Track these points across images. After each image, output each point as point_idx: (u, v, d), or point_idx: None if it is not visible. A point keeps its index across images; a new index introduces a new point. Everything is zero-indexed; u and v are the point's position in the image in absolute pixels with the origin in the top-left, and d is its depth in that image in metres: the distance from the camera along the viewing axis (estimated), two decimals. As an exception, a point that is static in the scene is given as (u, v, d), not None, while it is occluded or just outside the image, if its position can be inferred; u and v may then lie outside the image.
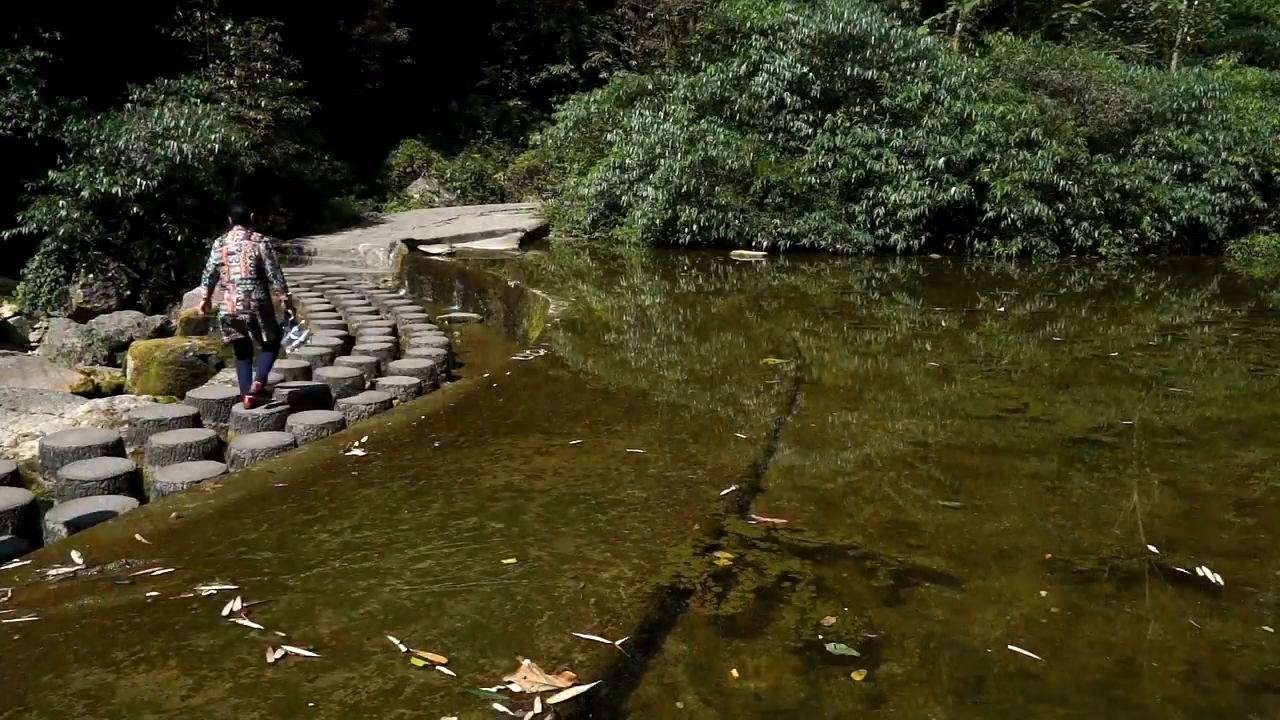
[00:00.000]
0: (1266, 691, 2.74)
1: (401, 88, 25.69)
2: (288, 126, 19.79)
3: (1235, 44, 24.58)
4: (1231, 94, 19.09)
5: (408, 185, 25.31)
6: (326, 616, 2.96)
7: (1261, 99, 19.76)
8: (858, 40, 17.04)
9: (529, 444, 4.96)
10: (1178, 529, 4.07)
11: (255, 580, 3.23)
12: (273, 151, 18.53)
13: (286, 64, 19.58)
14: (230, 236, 6.95)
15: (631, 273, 14.21)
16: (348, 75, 24.28)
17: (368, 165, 24.73)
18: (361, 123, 24.81)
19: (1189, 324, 10.53)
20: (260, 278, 6.96)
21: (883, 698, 2.66)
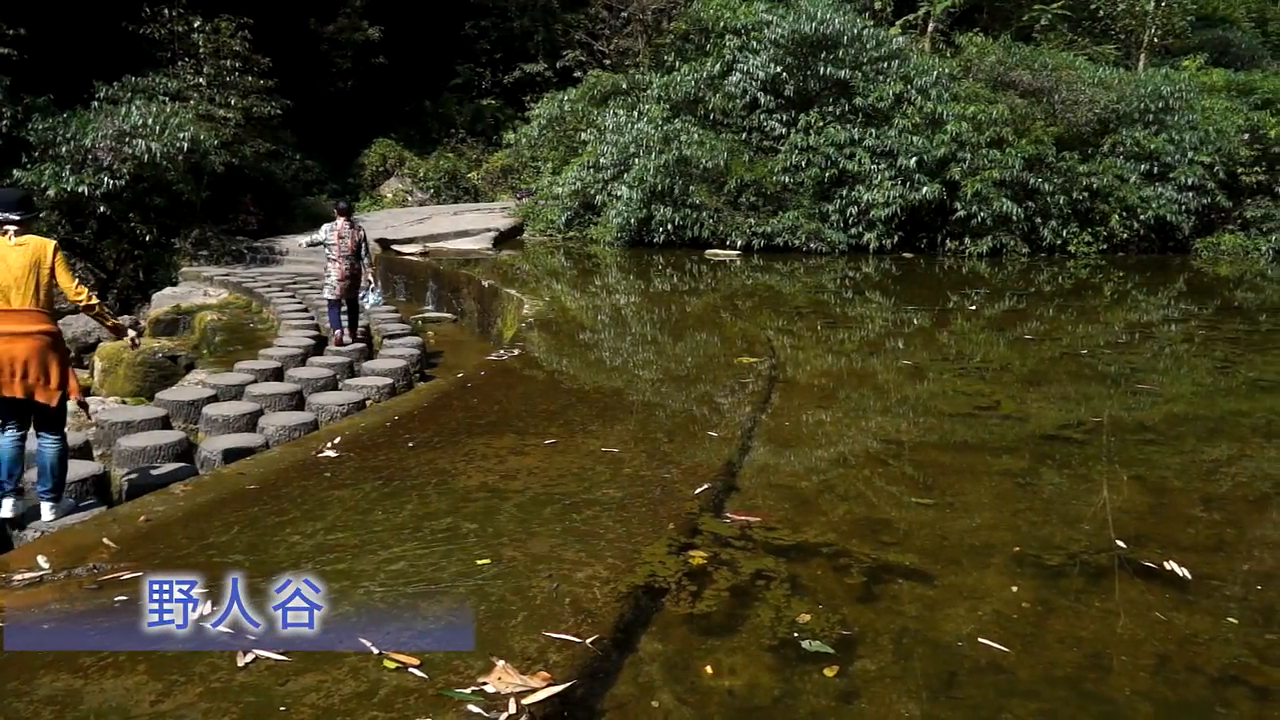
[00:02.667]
0: (1233, 684, 2.78)
1: (374, 86, 25.53)
2: (258, 125, 19.62)
3: (1202, 45, 24.99)
4: (1198, 94, 19.39)
5: (380, 184, 25.16)
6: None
7: (1227, 99, 20.08)
8: (830, 40, 17.14)
9: (503, 444, 4.94)
10: (1146, 524, 4.12)
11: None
12: (243, 150, 18.36)
13: (257, 62, 19.41)
14: (341, 223, 9.54)
15: (606, 272, 14.21)
16: (319, 74, 24.10)
17: (340, 164, 24.56)
18: (333, 121, 24.63)
19: (1157, 322, 10.67)
20: (358, 255, 9.60)
21: (856, 694, 2.67)
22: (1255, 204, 19.18)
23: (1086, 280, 14.50)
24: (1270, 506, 4.44)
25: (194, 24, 18.80)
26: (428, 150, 26.45)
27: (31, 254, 4.78)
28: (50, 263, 4.83)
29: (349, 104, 25.10)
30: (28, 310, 4.76)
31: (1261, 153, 18.84)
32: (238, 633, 2.82)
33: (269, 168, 19.97)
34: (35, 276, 4.78)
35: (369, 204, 23.71)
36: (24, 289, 4.74)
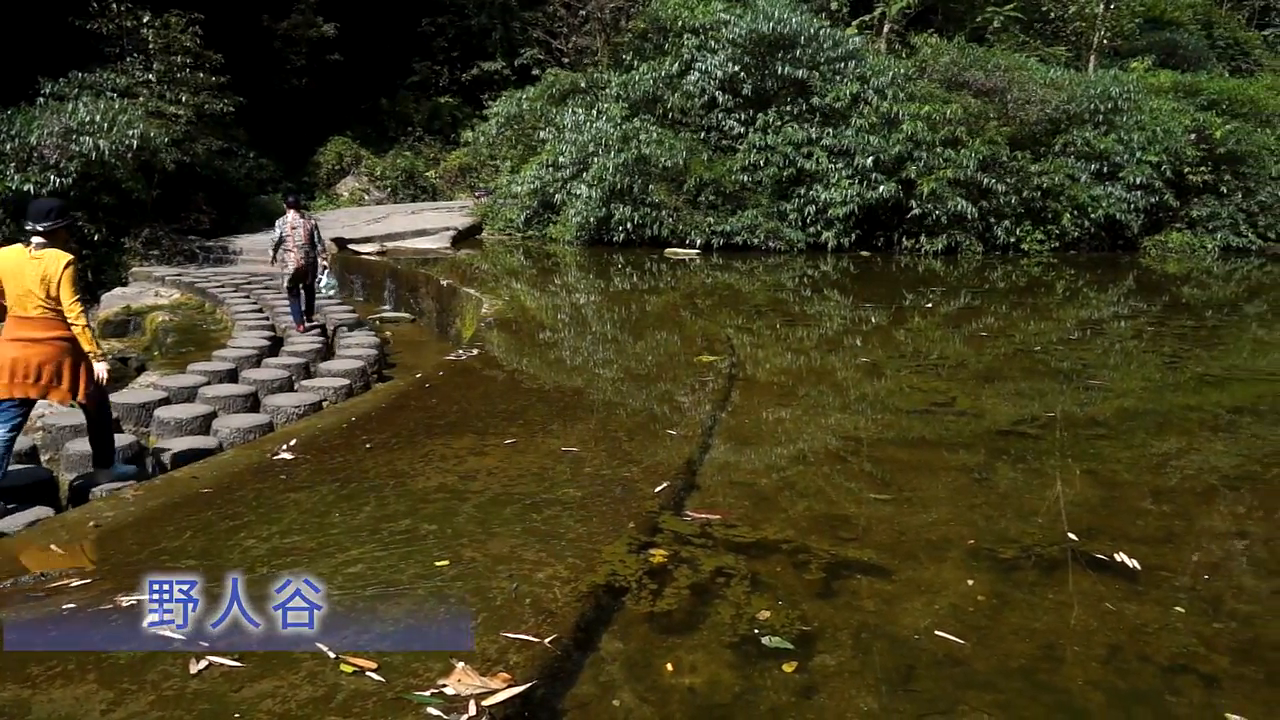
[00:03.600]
0: (1182, 673, 2.85)
1: (329, 84, 25.21)
2: (210, 122, 19.29)
3: (1149, 47, 25.52)
4: (1145, 95, 19.79)
5: (337, 183, 24.86)
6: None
7: (1174, 100, 20.52)
8: (788, 40, 17.24)
9: (463, 444, 4.91)
10: (1097, 517, 4.20)
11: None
12: (195, 148, 18.04)
13: (208, 58, 19.07)
14: (292, 215, 9.97)
15: (566, 271, 14.17)
16: (273, 71, 23.74)
17: (295, 163, 24.22)
18: (288, 119, 24.28)
19: (1107, 318, 10.88)
20: (312, 244, 10.01)
21: (816, 689, 2.69)
22: (1201, 203, 19.62)
23: (1039, 278, 14.75)
24: (1217, 498, 4.55)
25: (143, 19, 18.41)
26: (385, 149, 26.18)
27: (43, 268, 5.03)
28: (58, 278, 5.03)
29: (304, 101, 24.76)
30: (40, 319, 5.05)
31: (1207, 153, 19.28)
32: (190, 639, 2.77)
33: (222, 166, 19.64)
34: (45, 289, 5.03)
35: (325, 203, 23.42)
36: (37, 299, 5.02)
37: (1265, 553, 3.86)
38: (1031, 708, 2.63)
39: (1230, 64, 29.79)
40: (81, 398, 5.28)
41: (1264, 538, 4.04)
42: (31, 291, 5.01)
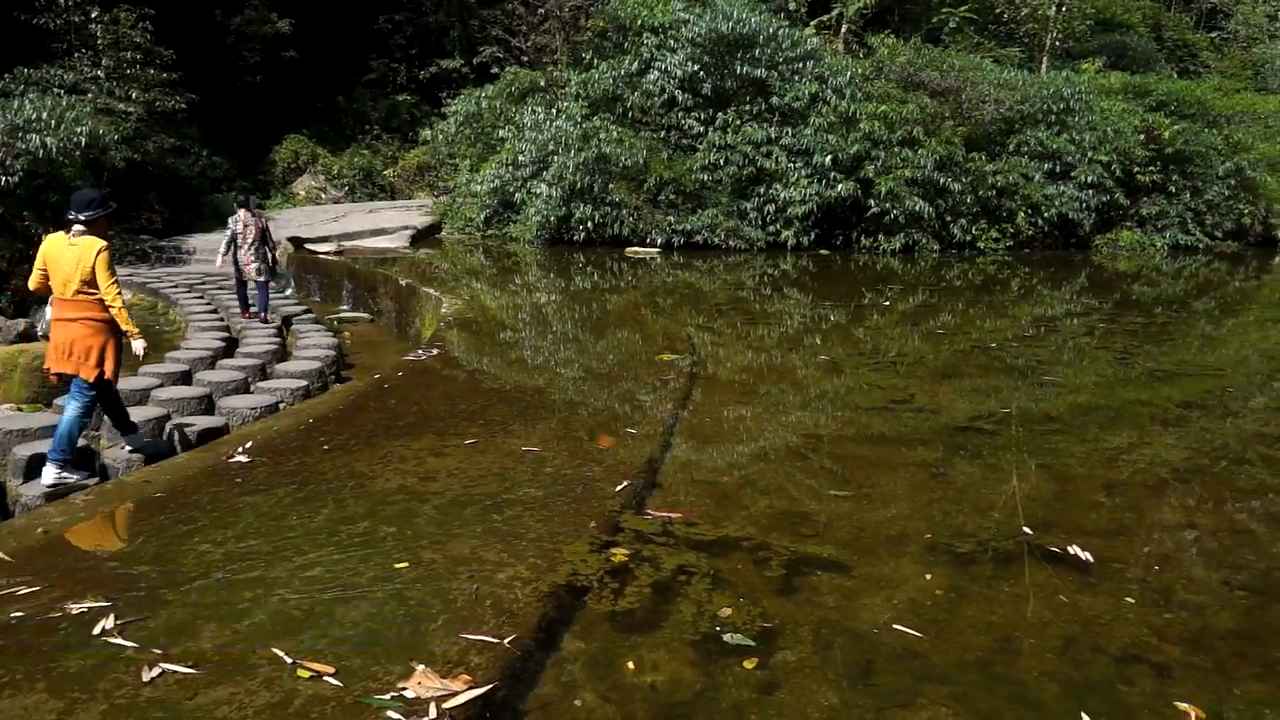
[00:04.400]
0: (1134, 662, 2.90)
1: (284, 81, 24.86)
2: (161, 120, 18.94)
3: (1100, 49, 25.99)
4: (1096, 96, 20.15)
5: (293, 182, 24.52)
6: (209, 630, 2.84)
7: (1124, 101, 20.91)
8: (747, 39, 17.32)
9: (422, 445, 4.87)
10: (1052, 510, 4.27)
11: (131, 596, 3.08)
12: (146, 146, 17.70)
13: (159, 54, 18.72)
14: (243, 214, 10.49)
15: (526, 270, 14.11)
16: (226, 67, 23.36)
17: (250, 161, 23.85)
18: (242, 117, 23.91)
19: (1060, 316, 11.06)
20: (264, 240, 10.47)
21: (777, 685, 2.71)
22: (1151, 202, 20.03)
23: (994, 276, 14.96)
24: (1167, 491, 4.64)
25: (91, 14, 18.03)
26: (342, 147, 25.88)
27: (79, 253, 5.39)
28: (92, 263, 5.39)
29: (258, 99, 24.39)
30: (75, 300, 5.43)
31: (1156, 153, 19.68)
32: (143, 645, 2.72)
33: (174, 164, 19.29)
34: (80, 273, 5.39)
35: (281, 201, 23.09)
36: (74, 281, 5.39)
37: (1214, 544, 3.95)
38: (988, 699, 2.67)
39: (1179, 66, 30.46)
40: (109, 375, 5.60)
41: (1212, 529, 4.13)
42: (71, 276, 5.38)
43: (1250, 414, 6.38)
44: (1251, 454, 5.36)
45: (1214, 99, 22.30)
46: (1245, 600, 3.37)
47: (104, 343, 5.52)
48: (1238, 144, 21.10)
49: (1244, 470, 5.06)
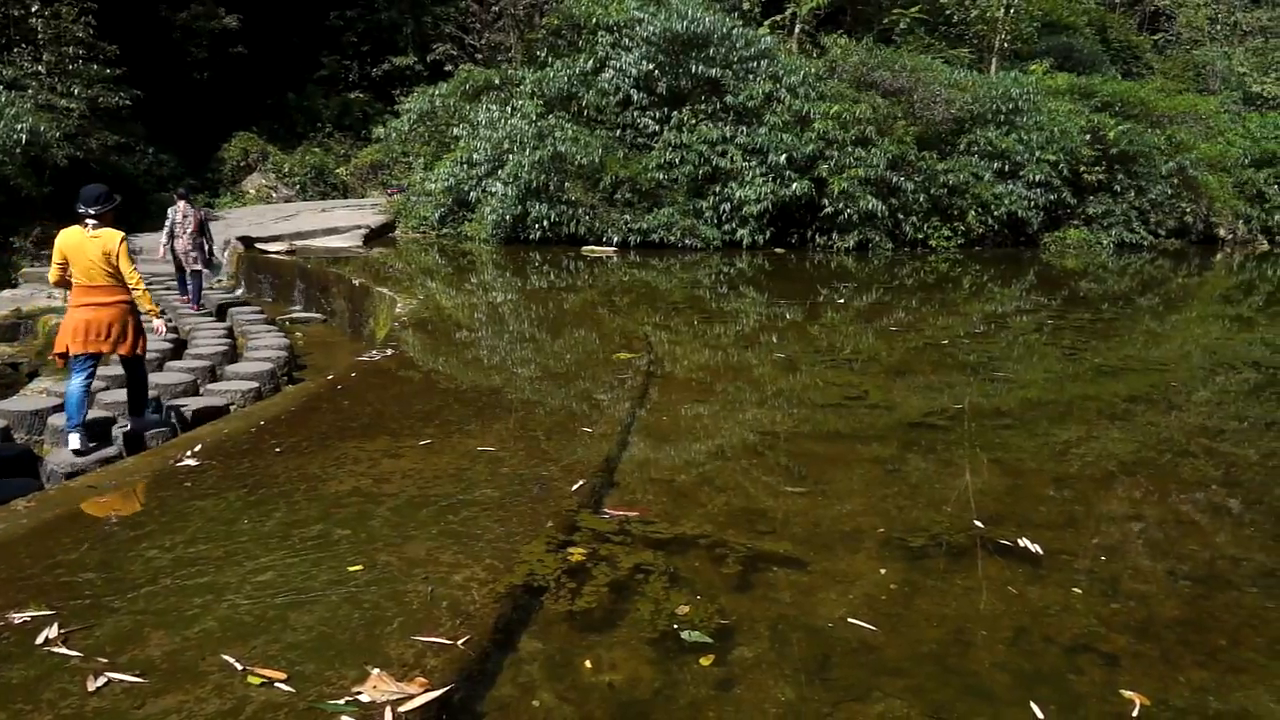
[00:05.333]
0: (1083, 652, 2.96)
1: (233, 78, 24.45)
2: (105, 117, 18.53)
3: (1047, 50, 26.48)
4: (1044, 97, 20.55)
5: (243, 180, 24.14)
6: (157, 638, 2.78)
7: (1070, 102, 21.34)
8: (701, 39, 17.39)
9: (376, 446, 4.81)
10: (1003, 504, 4.34)
11: (76, 604, 3.00)
12: (89, 143, 17.31)
13: (102, 50, 18.32)
14: (182, 205, 11.13)
15: (482, 269, 14.03)
16: (172, 63, 22.92)
17: (198, 159, 23.43)
18: (189, 114, 23.48)
19: (1010, 312, 11.25)
20: (201, 231, 11.14)
21: (734, 681, 2.72)
22: (1097, 200, 20.46)
23: (946, 274, 15.17)
24: (1114, 484, 4.74)
25: (31, 8, 17.60)
26: (293, 145, 25.53)
27: (103, 244, 5.91)
28: (116, 251, 5.95)
29: (206, 95, 23.97)
30: (106, 286, 5.96)
31: (1102, 153, 20.11)
32: (89, 655, 2.65)
33: (118, 162, 18.89)
34: (106, 262, 5.92)
35: (230, 200, 22.72)
36: (100, 271, 5.91)
37: (1160, 534, 4.04)
38: (942, 691, 2.70)
39: (1123, 67, 31.13)
40: (141, 351, 6.26)
41: (1158, 520, 4.22)
42: (95, 264, 5.88)
43: (1193, 408, 6.54)
44: (1195, 447, 5.50)
45: (1157, 100, 22.84)
46: (1190, 590, 3.45)
47: (134, 323, 6.18)
48: (1180, 144, 21.63)
49: (1188, 462, 5.18)
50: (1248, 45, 35.69)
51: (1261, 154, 24.18)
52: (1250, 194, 23.71)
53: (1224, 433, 5.86)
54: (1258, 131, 25.48)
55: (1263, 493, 4.68)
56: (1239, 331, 10.47)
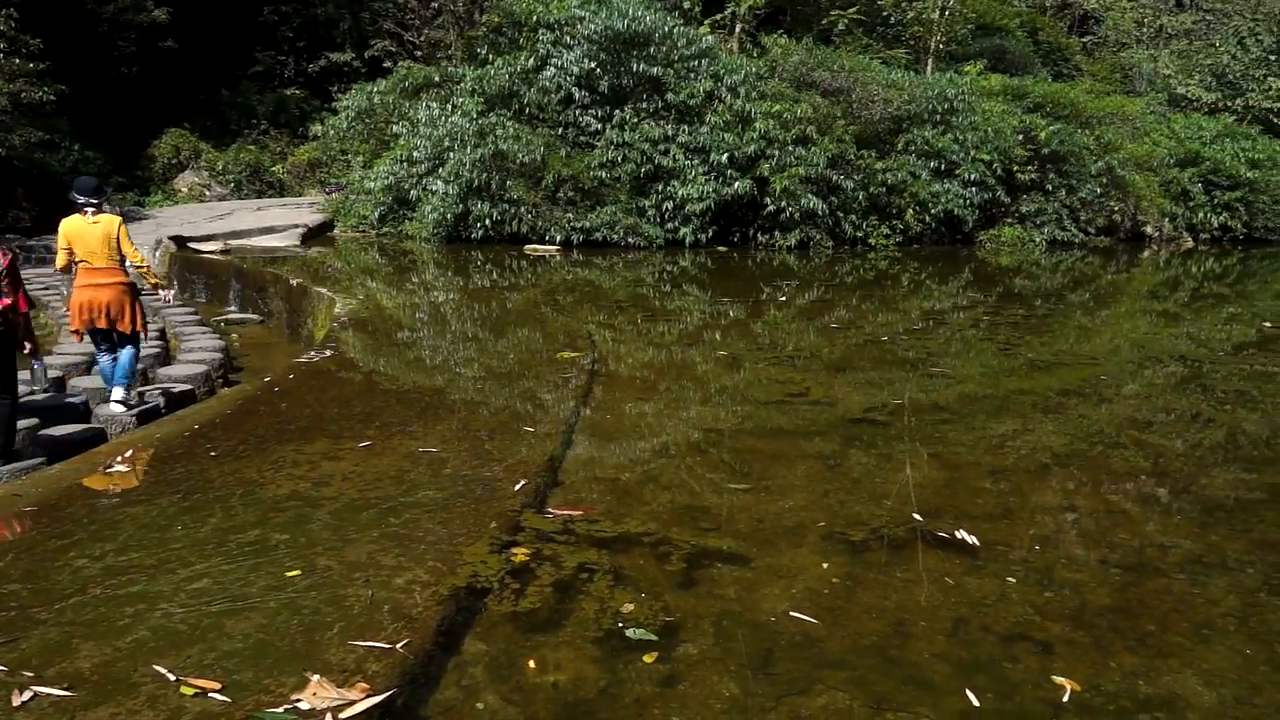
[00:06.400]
0: (1019, 640, 3.03)
1: (163, 72, 23.82)
2: (29, 112, 17.92)
3: (981, 52, 27.01)
4: (978, 97, 20.95)
5: (174, 178, 23.54)
6: (86, 650, 2.70)
7: (1003, 103, 21.79)
8: (643, 37, 17.39)
9: (315, 449, 4.73)
10: (941, 497, 4.42)
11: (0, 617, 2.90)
12: (11, 139, 16.74)
13: (25, 43, 17.70)
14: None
15: (424, 269, 13.88)
16: (99, 58, 22.25)
17: (127, 156, 22.78)
18: (118, 109, 22.83)
19: (948, 309, 11.46)
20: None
21: (679, 678, 2.73)
22: (1030, 199, 20.94)
23: (886, 271, 15.40)
24: (1048, 476, 4.86)
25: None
26: (226, 142, 24.96)
27: (104, 229, 6.64)
28: (116, 234, 6.68)
29: (135, 91, 23.32)
30: (107, 268, 6.66)
31: (1034, 153, 20.58)
32: (14, 669, 2.57)
33: (43, 159, 18.30)
34: (108, 245, 6.64)
35: (161, 199, 22.14)
36: (102, 253, 6.62)
37: (1092, 524, 4.15)
38: (883, 682, 2.74)
39: (1054, 69, 31.90)
40: (139, 328, 6.93)
41: (1090, 510, 4.34)
42: (98, 248, 6.59)
43: (1123, 400, 6.73)
44: (1125, 438, 5.66)
45: (1086, 101, 23.43)
46: (1120, 577, 3.55)
47: (134, 301, 6.84)
48: (1108, 144, 22.23)
49: (1118, 454, 5.33)
50: (1173, 48, 36.89)
51: (1186, 154, 24.96)
52: (1175, 193, 24.45)
53: (1152, 424, 6.05)
54: (1182, 132, 26.31)
55: (1189, 482, 4.84)
56: (1165, 326, 10.80)
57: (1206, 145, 25.59)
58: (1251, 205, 25.33)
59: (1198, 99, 31.61)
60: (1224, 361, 8.37)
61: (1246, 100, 30.96)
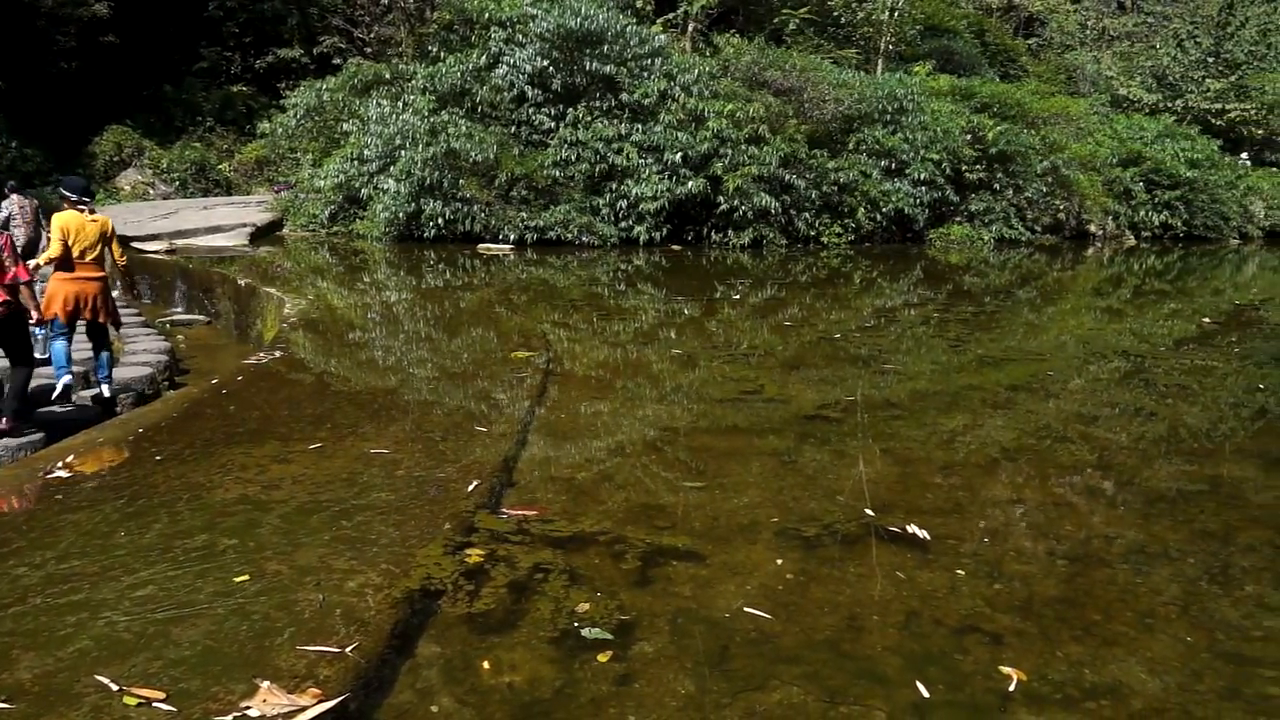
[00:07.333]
0: (970, 632, 3.07)
1: (105, 68, 23.25)
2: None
3: (930, 53, 27.42)
4: (927, 97, 21.25)
5: (117, 176, 22.99)
6: (27, 660, 2.62)
7: (952, 103, 22.13)
8: (596, 36, 17.36)
9: (265, 452, 4.65)
10: (893, 492, 4.47)
11: (-66, 628, 2.81)
12: (-55, 136, 16.22)
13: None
14: (15, 197, 10.89)
15: (375, 268, 13.72)
16: (38, 52, 21.66)
17: (67, 153, 22.20)
18: (58, 105, 22.24)
19: (899, 306, 11.61)
20: (38, 221, 10.95)
21: (635, 676, 2.73)
22: (978, 198, 21.29)
23: (838, 269, 15.56)
24: (998, 469, 4.94)
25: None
26: (171, 139, 24.43)
27: (100, 227, 7.12)
28: (111, 234, 7.21)
29: (76, 87, 22.73)
30: (94, 263, 7.06)
31: (982, 152, 20.92)
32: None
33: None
34: (101, 242, 7.09)
35: (104, 197, 21.59)
36: (94, 250, 7.04)
37: (1040, 516, 4.23)
38: (837, 676, 2.77)
39: (1000, 70, 32.46)
40: (116, 321, 7.34)
41: (1038, 503, 4.42)
42: (94, 245, 7.02)
43: (1069, 395, 6.87)
44: (1071, 432, 5.77)
45: (1032, 102, 23.86)
46: (1067, 568, 3.62)
47: (109, 295, 7.25)
48: (1053, 144, 22.68)
49: (1065, 447, 5.44)
50: (1115, 50, 37.72)
51: (1128, 154, 25.54)
52: (1118, 191, 25.01)
53: (1097, 418, 6.18)
54: (1124, 132, 26.91)
55: (1133, 474, 4.95)
56: (1109, 322, 11.04)
57: (1148, 145, 26.21)
58: (1191, 204, 26.00)
59: (1139, 100, 32.36)
60: (1165, 356, 8.58)
61: (1185, 101, 31.76)
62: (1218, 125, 30.92)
